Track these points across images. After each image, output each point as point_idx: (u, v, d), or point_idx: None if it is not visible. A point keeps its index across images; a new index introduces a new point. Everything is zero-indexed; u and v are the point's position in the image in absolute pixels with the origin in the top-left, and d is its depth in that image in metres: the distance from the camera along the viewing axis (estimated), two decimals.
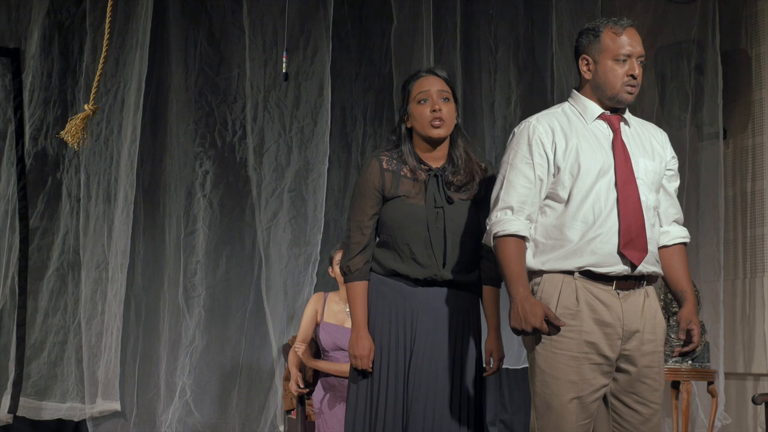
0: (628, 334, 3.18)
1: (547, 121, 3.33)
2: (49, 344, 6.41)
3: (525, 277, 3.21)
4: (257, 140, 6.52)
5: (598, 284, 3.18)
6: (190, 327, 6.57)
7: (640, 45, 3.30)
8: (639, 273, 3.20)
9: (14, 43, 6.42)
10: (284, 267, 6.44)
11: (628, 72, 3.26)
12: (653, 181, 3.28)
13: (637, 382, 3.20)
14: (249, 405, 6.57)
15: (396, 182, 3.60)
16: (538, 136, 3.30)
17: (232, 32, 6.68)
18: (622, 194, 3.19)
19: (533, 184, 3.29)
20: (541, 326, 3.12)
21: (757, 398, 5.06)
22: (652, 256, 3.23)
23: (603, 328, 3.16)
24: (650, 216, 3.25)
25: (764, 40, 6.30)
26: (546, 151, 3.28)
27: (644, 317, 3.21)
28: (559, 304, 3.18)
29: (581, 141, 3.27)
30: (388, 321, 3.58)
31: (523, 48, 6.93)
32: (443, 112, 3.58)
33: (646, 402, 3.20)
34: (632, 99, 3.29)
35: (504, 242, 3.24)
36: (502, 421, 7.08)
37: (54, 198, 6.51)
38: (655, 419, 3.23)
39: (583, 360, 3.15)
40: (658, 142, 3.36)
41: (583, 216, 3.20)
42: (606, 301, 3.17)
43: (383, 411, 3.53)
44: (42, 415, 6.36)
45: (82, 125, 4.11)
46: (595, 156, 3.24)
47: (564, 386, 3.17)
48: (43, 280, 6.44)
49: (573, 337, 3.17)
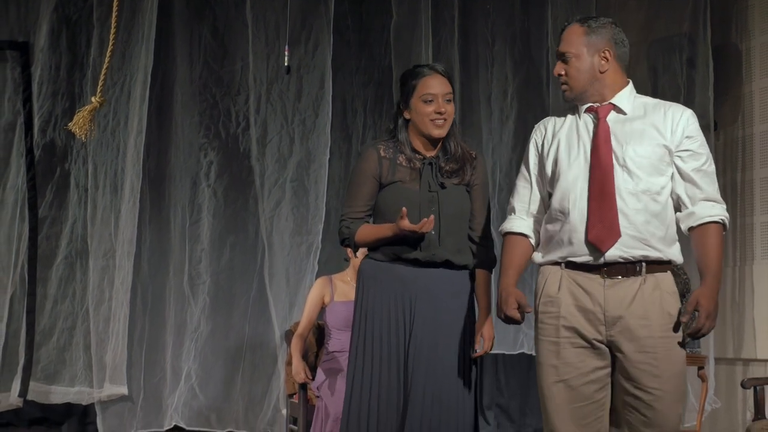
0: (611, 320, 3.18)
1: (546, 122, 3.47)
2: (57, 330, 6.47)
3: (512, 269, 3.40)
4: (260, 131, 6.56)
5: (583, 272, 3.23)
6: (195, 313, 6.61)
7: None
8: (616, 259, 3.18)
9: (23, 36, 6.48)
10: (286, 255, 6.48)
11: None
12: (646, 165, 3.21)
13: (632, 368, 3.17)
14: (252, 389, 6.61)
15: (392, 169, 3.72)
16: (534, 137, 3.47)
17: (235, 26, 6.72)
18: (592, 183, 3.22)
19: (530, 183, 3.44)
20: (513, 314, 3.34)
21: (746, 382, 5.04)
22: (636, 240, 3.18)
23: (584, 313, 3.21)
24: (636, 201, 3.19)
25: (754, 34, 6.33)
26: (537, 151, 3.43)
27: (633, 304, 3.17)
28: (543, 292, 3.33)
29: (563, 137, 3.36)
30: (387, 305, 3.67)
31: (519, 42, 6.94)
32: (446, 113, 3.71)
33: (645, 388, 3.16)
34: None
35: (504, 239, 3.48)
36: (498, 405, 7.12)
37: (62, 188, 6.56)
38: (660, 405, 3.16)
39: (564, 344, 3.23)
40: (661, 124, 3.26)
41: (559, 208, 3.29)
42: (588, 288, 3.22)
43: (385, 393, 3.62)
44: (51, 399, 6.42)
45: (90, 117, 4.17)
46: (571, 150, 3.31)
47: (547, 370, 3.28)
48: (51, 268, 6.50)
49: (551, 323, 3.28)
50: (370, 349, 3.68)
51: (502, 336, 6.67)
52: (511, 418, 7.14)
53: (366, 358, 3.69)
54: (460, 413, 3.64)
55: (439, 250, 3.67)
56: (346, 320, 5.05)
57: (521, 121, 6.92)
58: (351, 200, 3.76)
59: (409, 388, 3.60)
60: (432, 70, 3.76)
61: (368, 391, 3.65)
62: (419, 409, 3.59)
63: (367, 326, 3.70)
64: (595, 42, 3.30)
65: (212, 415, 6.61)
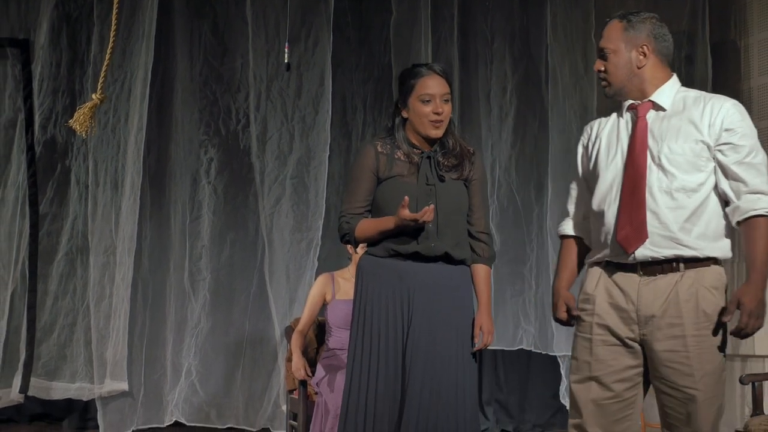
0: (644, 318, 3.18)
1: (593, 123, 3.48)
2: (58, 326, 6.49)
3: (564, 271, 3.47)
4: (260, 129, 6.58)
5: (621, 271, 3.25)
6: (196, 309, 6.64)
7: None
8: (646, 258, 3.18)
9: (24, 34, 6.49)
10: (286, 251, 6.50)
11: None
12: (681, 162, 3.18)
13: (662, 367, 3.16)
14: (252, 385, 6.63)
15: (390, 164, 3.73)
16: (582, 139, 3.49)
17: (235, 24, 6.72)
18: (625, 183, 3.23)
19: (580, 185, 3.49)
20: (561, 316, 3.42)
21: (745, 378, 5.04)
22: (666, 240, 3.17)
23: (617, 312, 3.23)
24: (670, 199, 3.18)
25: (752, 32, 6.33)
26: (584, 153, 3.46)
27: (667, 301, 3.15)
28: (582, 290, 3.37)
29: (604, 136, 3.37)
30: (385, 300, 3.69)
31: (518, 39, 6.94)
32: (444, 114, 3.73)
33: (677, 386, 3.14)
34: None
35: (560, 242, 3.54)
36: (497, 401, 7.14)
37: (63, 185, 6.58)
38: (693, 405, 3.13)
39: (597, 341, 3.26)
40: (699, 119, 3.21)
41: (597, 209, 3.33)
42: (623, 287, 3.23)
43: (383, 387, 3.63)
44: (52, 394, 6.44)
45: (90, 114, 4.17)
46: (609, 150, 3.32)
47: (579, 366, 3.34)
48: (52, 264, 6.52)
49: (586, 320, 3.32)
50: (369, 343, 3.69)
51: (501, 332, 6.69)
52: (510, 414, 7.16)
53: (365, 352, 3.70)
54: (459, 407, 3.66)
55: (438, 243, 3.69)
56: (346, 319, 5.03)
57: (520, 117, 6.94)
58: (350, 196, 3.78)
59: (407, 381, 3.62)
60: (430, 70, 3.77)
61: (366, 385, 3.67)
62: (417, 402, 3.60)
63: (366, 321, 3.72)
64: (633, 37, 3.29)
65: (212, 411, 6.63)
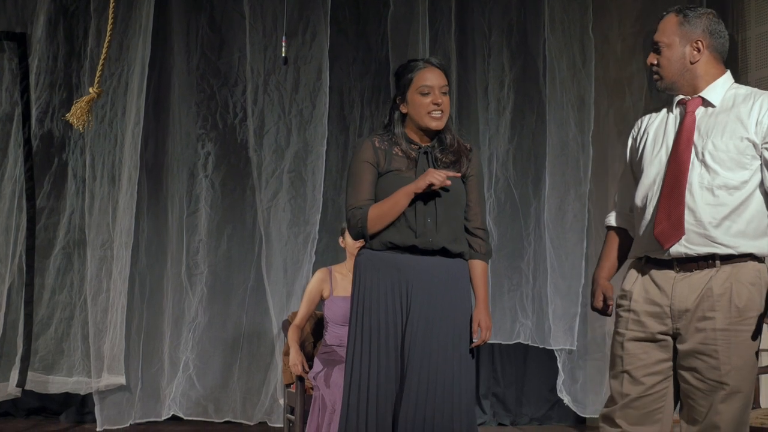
0: (678, 313, 3.22)
1: (644, 117, 3.50)
2: (55, 320, 6.51)
3: (605, 261, 3.51)
4: (257, 122, 6.58)
5: (658, 267, 3.29)
6: (193, 304, 6.64)
7: None
8: (681, 255, 3.21)
9: (20, 27, 6.49)
10: (284, 246, 6.50)
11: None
12: (725, 159, 3.19)
13: (692, 358, 3.19)
14: (250, 379, 6.64)
15: (389, 159, 3.74)
16: (632, 133, 3.51)
17: (232, 17, 6.72)
18: (666, 178, 3.25)
19: (627, 177, 3.50)
20: (597, 305, 3.47)
21: None
22: (701, 237, 3.20)
23: (652, 307, 3.27)
24: (710, 196, 3.19)
25: (750, 26, 6.36)
26: (633, 146, 3.48)
27: (701, 296, 3.18)
28: (621, 285, 3.41)
29: (652, 131, 3.39)
30: (384, 293, 3.69)
31: (516, 33, 6.93)
32: (443, 105, 3.74)
33: (704, 379, 3.17)
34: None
35: (606, 233, 3.59)
36: (494, 394, 7.15)
37: (60, 179, 6.58)
38: (718, 399, 3.15)
39: (629, 336, 3.30)
40: (746, 116, 3.21)
41: (640, 204, 3.36)
42: (659, 283, 3.27)
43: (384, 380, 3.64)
44: (49, 389, 6.46)
45: (87, 108, 4.20)
46: (655, 145, 3.35)
47: (614, 360, 3.37)
48: (49, 258, 6.53)
49: (623, 315, 3.36)
50: (368, 338, 3.70)
51: (498, 326, 6.70)
52: (507, 408, 7.16)
53: (364, 347, 3.71)
54: (455, 400, 3.66)
55: (436, 237, 3.70)
56: (344, 315, 5.06)
57: (518, 111, 6.94)
58: (354, 191, 3.76)
59: (405, 374, 3.63)
60: (428, 63, 3.79)
61: (367, 378, 3.68)
62: (413, 395, 3.62)
63: (364, 315, 3.72)
64: (688, 32, 3.29)
65: (210, 405, 6.64)
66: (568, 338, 6.71)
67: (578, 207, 6.76)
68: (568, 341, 6.72)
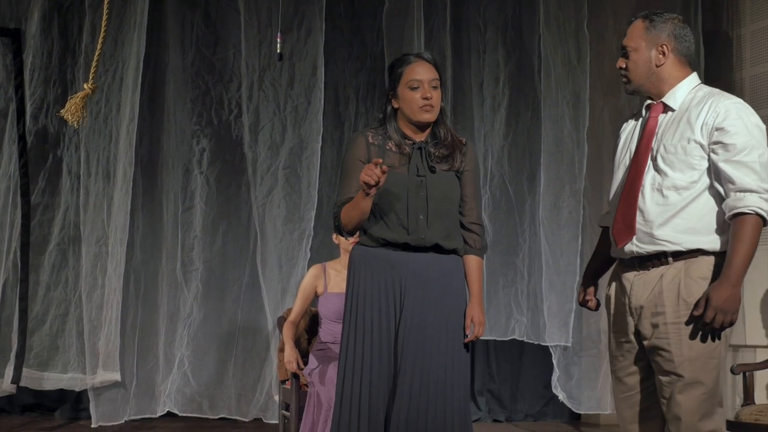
0: (636, 310, 3.32)
1: (628, 119, 3.59)
2: (50, 317, 6.51)
3: (594, 259, 3.69)
4: (252, 119, 6.58)
5: (624, 267, 3.40)
6: (188, 300, 6.64)
7: None
8: (633, 254, 3.31)
9: (15, 23, 6.48)
10: (279, 242, 6.51)
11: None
12: (673, 160, 3.26)
13: (652, 354, 3.27)
14: (245, 375, 6.65)
15: (382, 155, 3.73)
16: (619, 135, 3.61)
17: (227, 13, 6.73)
18: (626, 181, 3.36)
19: (614, 179, 3.56)
20: (579, 300, 3.68)
21: (736, 368, 5.08)
22: (648, 236, 3.27)
23: (621, 307, 3.39)
24: (659, 197, 3.26)
25: (745, 22, 6.35)
26: (615, 148, 3.57)
27: (652, 292, 3.27)
28: (606, 291, 3.52)
29: (623, 135, 3.52)
30: (377, 290, 3.68)
31: (511, 29, 6.95)
32: (433, 99, 3.74)
33: (664, 372, 3.23)
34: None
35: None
36: (489, 391, 7.16)
37: (55, 175, 6.59)
38: (675, 390, 3.19)
39: (612, 338, 3.44)
40: (695, 118, 3.27)
41: (610, 207, 3.51)
42: (624, 282, 3.38)
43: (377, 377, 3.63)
44: (44, 385, 6.46)
45: (82, 104, 4.20)
46: (623, 149, 3.48)
47: (610, 362, 3.51)
48: (44, 255, 6.54)
49: (609, 319, 3.48)
50: (362, 334, 3.70)
51: (493, 322, 6.70)
52: (502, 404, 7.18)
53: (358, 342, 3.70)
54: (449, 397, 3.66)
55: (428, 233, 3.69)
56: (338, 312, 5.06)
57: (513, 108, 6.95)
58: (342, 188, 3.78)
59: (398, 371, 3.63)
60: (418, 58, 3.80)
61: (360, 375, 3.67)
62: (407, 391, 3.61)
63: (358, 312, 3.72)
64: (654, 37, 3.38)
65: (205, 402, 6.64)
66: (563, 335, 6.72)
67: (573, 203, 6.77)
68: (563, 338, 6.73)
